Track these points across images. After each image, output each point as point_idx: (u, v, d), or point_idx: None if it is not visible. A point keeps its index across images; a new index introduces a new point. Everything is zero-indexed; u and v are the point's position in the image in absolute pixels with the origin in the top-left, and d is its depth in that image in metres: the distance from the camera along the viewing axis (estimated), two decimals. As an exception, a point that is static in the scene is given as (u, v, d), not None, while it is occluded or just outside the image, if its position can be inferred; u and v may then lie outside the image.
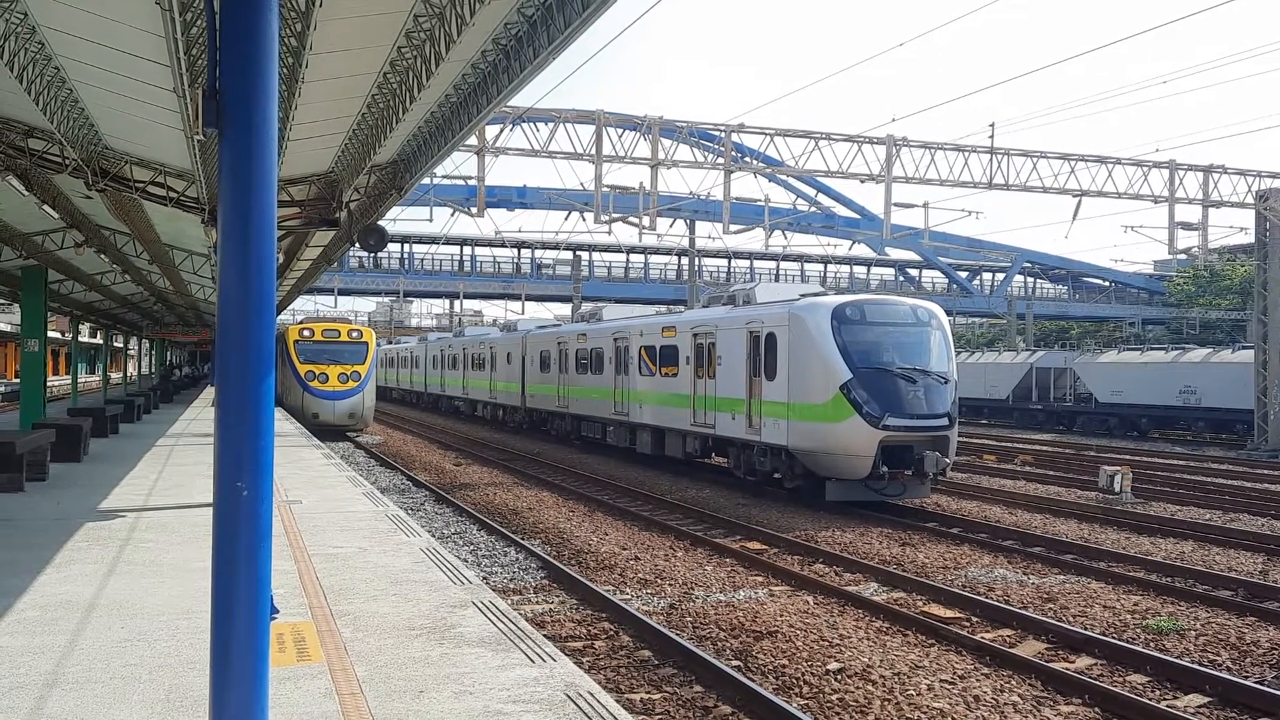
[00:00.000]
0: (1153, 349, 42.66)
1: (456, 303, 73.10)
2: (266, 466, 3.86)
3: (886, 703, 7.86)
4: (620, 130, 27.47)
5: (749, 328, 19.48)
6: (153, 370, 63.44)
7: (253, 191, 3.83)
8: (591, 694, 5.51)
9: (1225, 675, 8.71)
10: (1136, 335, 59.66)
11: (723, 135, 28.22)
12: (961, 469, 23.56)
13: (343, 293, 65.88)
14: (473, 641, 6.59)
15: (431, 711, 5.26)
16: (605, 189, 27.49)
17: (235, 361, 3.82)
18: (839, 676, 8.48)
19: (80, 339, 48.04)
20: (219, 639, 3.80)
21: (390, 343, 64.47)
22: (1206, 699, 8.33)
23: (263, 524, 3.83)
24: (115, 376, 65.86)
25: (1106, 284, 77.07)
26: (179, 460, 18.62)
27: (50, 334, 24.63)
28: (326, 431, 31.44)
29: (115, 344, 59.88)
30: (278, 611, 6.74)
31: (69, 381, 50.15)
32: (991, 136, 28.20)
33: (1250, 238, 35.43)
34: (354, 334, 33.95)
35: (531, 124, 27.19)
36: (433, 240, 64.07)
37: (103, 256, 20.95)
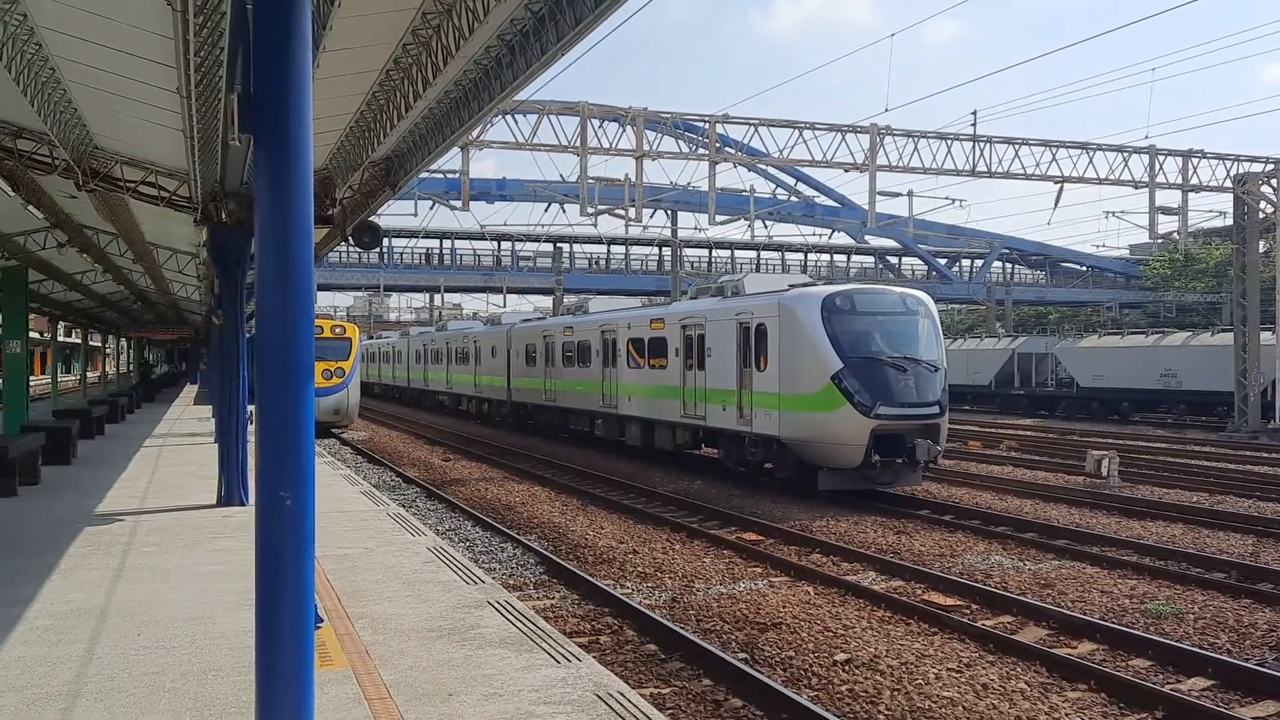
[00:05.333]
0: (1133, 333, 43.01)
1: (436, 296, 72.80)
2: (309, 474, 3.84)
3: (896, 693, 7.91)
4: (601, 121, 27.42)
5: (738, 319, 19.50)
6: (130, 369, 62.88)
7: (291, 196, 3.80)
8: (621, 694, 5.52)
9: (1226, 658, 8.82)
10: (1114, 319, 60.19)
11: (707, 126, 28.21)
12: (949, 455, 23.68)
13: (321, 288, 65.32)
14: (494, 642, 6.59)
15: (464, 714, 5.26)
16: (590, 181, 27.43)
17: (275, 369, 3.79)
18: (847, 667, 8.53)
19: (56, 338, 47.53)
20: (265, 648, 3.78)
21: (371, 337, 64.09)
22: (1209, 682, 8.42)
23: (307, 532, 3.81)
24: (91, 376, 65.21)
25: (1084, 269, 77.62)
26: (169, 461, 18.49)
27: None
28: (311, 428, 31.20)
29: (92, 343, 59.30)
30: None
31: (47, 381, 49.68)
32: (974, 125, 28.35)
33: (1229, 221, 35.79)
34: (337, 330, 33.67)
35: (513, 117, 27.09)
36: (412, 234, 63.75)
37: (85, 256, 20.76)
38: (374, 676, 5.88)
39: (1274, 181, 32.30)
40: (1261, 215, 32.83)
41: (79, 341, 55.02)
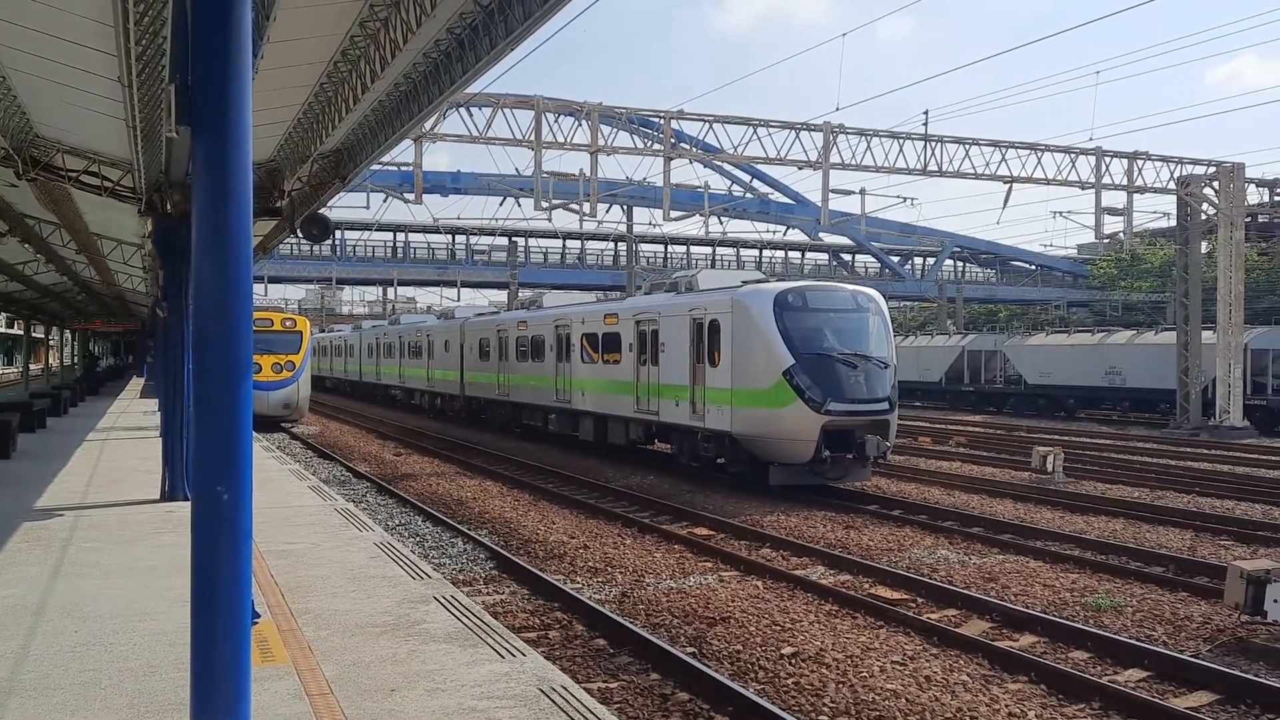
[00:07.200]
0: (1079, 331, 43.74)
1: (390, 290, 72.08)
2: (246, 469, 3.80)
3: (841, 685, 8.00)
4: (556, 116, 27.32)
5: (692, 315, 19.57)
6: (75, 361, 61.61)
7: (228, 189, 3.75)
8: (565, 687, 5.53)
9: (1162, 650, 9.03)
10: (1061, 317, 61.16)
11: (662, 122, 28.24)
12: (899, 451, 23.95)
13: (273, 280, 64.48)
14: (439, 637, 6.57)
15: (406, 710, 5.24)
16: (545, 175, 27.34)
17: (213, 362, 3.75)
18: (793, 661, 8.61)
19: (-2, 330, 46.51)
20: (200, 644, 3.74)
21: (323, 330, 63.31)
22: (1146, 673, 8.61)
23: (243, 528, 3.77)
24: (34, 368, 63.79)
25: (1033, 268, 78.85)
26: (112, 456, 18.17)
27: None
28: (261, 423, 30.83)
29: (35, 335, 58.03)
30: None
31: (-13, 374, 48.53)
32: (926, 124, 28.66)
33: (1173, 222, 36.52)
34: (288, 323, 33.26)
35: (467, 110, 26.89)
36: (365, 226, 63.06)
37: (26, 246, 20.31)
38: (316, 672, 5.83)
39: (1215, 184, 33.03)
40: (1204, 217, 33.56)
41: (21, 333, 53.78)
